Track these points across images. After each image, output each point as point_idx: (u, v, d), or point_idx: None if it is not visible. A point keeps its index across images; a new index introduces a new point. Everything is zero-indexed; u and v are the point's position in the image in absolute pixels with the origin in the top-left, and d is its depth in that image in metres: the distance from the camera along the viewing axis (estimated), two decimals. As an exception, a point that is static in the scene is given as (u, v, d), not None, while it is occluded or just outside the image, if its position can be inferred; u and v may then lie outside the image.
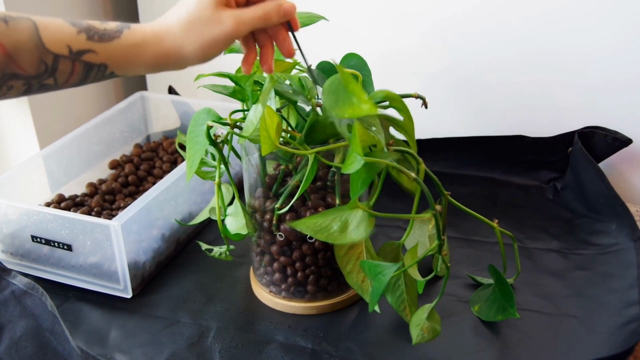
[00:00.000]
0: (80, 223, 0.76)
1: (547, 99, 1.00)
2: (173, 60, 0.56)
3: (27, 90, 0.52)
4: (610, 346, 0.68)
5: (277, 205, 0.70)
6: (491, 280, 0.76)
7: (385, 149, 0.62)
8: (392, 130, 0.68)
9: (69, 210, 0.90)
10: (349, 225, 0.63)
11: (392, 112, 0.66)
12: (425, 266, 0.81)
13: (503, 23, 0.98)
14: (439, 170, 0.72)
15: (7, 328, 0.74)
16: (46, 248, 0.79)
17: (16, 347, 0.72)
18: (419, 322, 0.67)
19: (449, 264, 0.69)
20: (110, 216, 0.88)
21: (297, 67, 0.73)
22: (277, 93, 0.67)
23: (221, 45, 0.57)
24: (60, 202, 0.92)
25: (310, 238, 0.71)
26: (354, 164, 0.56)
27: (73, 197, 0.94)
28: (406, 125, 0.66)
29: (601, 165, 0.94)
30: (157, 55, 0.55)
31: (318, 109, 0.66)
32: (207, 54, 0.57)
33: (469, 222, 0.73)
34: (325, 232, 0.63)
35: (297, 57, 0.73)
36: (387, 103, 0.66)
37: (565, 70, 0.97)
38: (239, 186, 0.74)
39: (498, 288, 0.73)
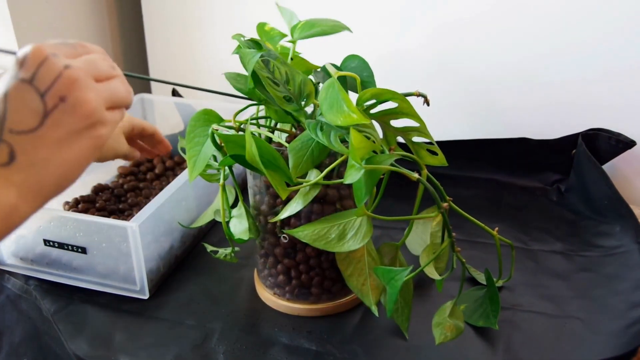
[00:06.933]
0: (96, 225, 0.75)
1: (550, 101, 1.00)
2: None
3: None
4: (614, 348, 0.68)
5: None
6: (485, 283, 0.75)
7: (387, 152, 0.62)
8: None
9: (85, 212, 0.90)
10: (347, 233, 0.62)
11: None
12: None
13: (507, 25, 0.98)
14: (443, 172, 0.72)
15: (6, 334, 0.73)
16: (60, 252, 0.78)
17: (16, 353, 0.71)
18: (440, 321, 0.66)
19: (463, 260, 0.69)
20: (122, 219, 0.88)
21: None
22: (269, 98, 0.64)
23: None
24: (77, 205, 0.93)
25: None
26: (354, 173, 0.56)
27: (85, 199, 0.94)
28: (404, 108, 0.62)
29: (605, 167, 0.94)
30: None
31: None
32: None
33: (473, 223, 0.73)
34: (322, 240, 0.62)
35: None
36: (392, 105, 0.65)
37: (569, 73, 0.97)
38: (242, 187, 0.74)
39: (488, 294, 0.73)
